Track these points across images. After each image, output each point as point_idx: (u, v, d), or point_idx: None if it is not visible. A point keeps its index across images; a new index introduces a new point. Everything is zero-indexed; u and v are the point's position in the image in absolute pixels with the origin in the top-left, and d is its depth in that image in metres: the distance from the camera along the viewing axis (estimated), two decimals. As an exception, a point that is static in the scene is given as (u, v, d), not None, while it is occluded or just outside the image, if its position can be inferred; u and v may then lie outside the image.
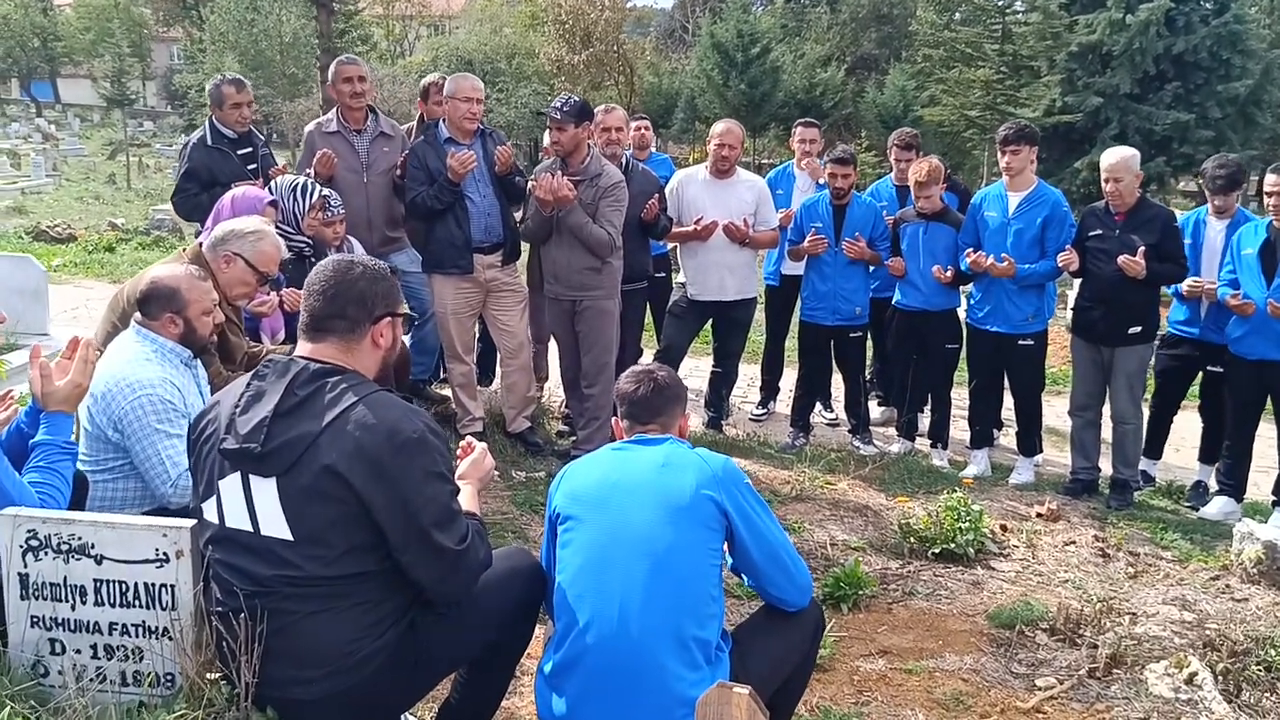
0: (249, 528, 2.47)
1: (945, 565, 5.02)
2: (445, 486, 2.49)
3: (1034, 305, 6.31)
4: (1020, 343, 6.34)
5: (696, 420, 7.33)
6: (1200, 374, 6.50)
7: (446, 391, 6.34)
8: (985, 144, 22.35)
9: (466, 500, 2.78)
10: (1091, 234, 6.07)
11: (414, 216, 5.90)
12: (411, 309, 6.44)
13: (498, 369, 6.55)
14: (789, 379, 7.67)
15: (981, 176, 22.47)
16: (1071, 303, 6.49)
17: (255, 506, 2.46)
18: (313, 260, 5.28)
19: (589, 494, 2.79)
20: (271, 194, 5.12)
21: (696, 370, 8.40)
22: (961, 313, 6.77)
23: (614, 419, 3.06)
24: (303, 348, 2.58)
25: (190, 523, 2.62)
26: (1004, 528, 5.50)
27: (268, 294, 4.69)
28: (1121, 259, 5.81)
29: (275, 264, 4.12)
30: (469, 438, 3.07)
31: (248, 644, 2.43)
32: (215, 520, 2.54)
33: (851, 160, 6.65)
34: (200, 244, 4.11)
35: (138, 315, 3.53)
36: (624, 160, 6.09)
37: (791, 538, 5.36)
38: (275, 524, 2.44)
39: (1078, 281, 6.51)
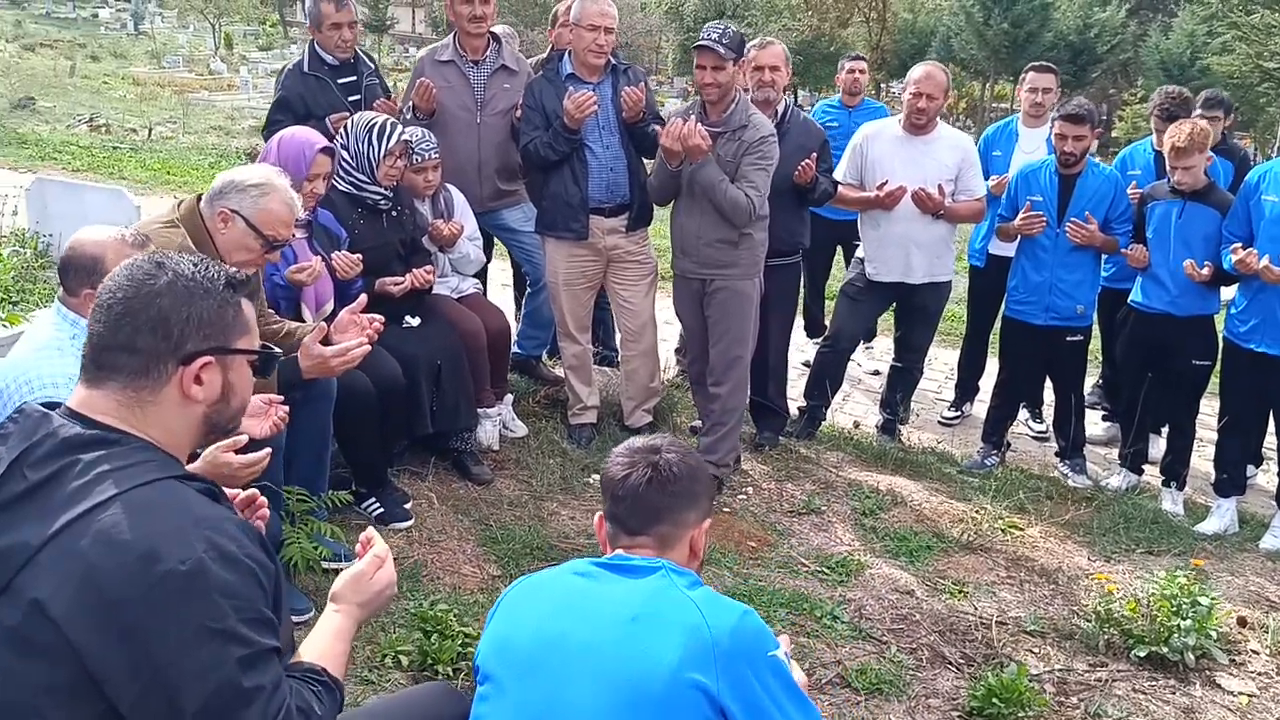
0: None
1: (1153, 675, 3.73)
2: (231, 651, 1.51)
3: (1320, 323, 4.77)
4: (1296, 370, 4.84)
5: (870, 422, 6.13)
6: None
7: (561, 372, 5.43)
8: (1283, 100, 19.39)
9: (323, 645, 1.82)
10: None
11: (530, 166, 4.98)
12: (525, 274, 5.68)
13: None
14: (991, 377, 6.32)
15: (1275, 136, 19.57)
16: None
17: None
18: (392, 215, 4.47)
19: (519, 647, 1.79)
20: (344, 136, 4.33)
21: (888, 353, 7.16)
22: (1220, 322, 5.28)
23: (598, 517, 2.03)
24: (76, 395, 1.69)
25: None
26: (1242, 621, 4.12)
27: (306, 257, 3.89)
28: None
29: (284, 227, 3.27)
30: (369, 530, 2.05)
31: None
32: None
33: (1088, 119, 5.18)
34: (199, 197, 3.32)
35: (60, 289, 2.78)
36: (782, 108, 4.94)
37: (948, 602, 4.25)
38: None
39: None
